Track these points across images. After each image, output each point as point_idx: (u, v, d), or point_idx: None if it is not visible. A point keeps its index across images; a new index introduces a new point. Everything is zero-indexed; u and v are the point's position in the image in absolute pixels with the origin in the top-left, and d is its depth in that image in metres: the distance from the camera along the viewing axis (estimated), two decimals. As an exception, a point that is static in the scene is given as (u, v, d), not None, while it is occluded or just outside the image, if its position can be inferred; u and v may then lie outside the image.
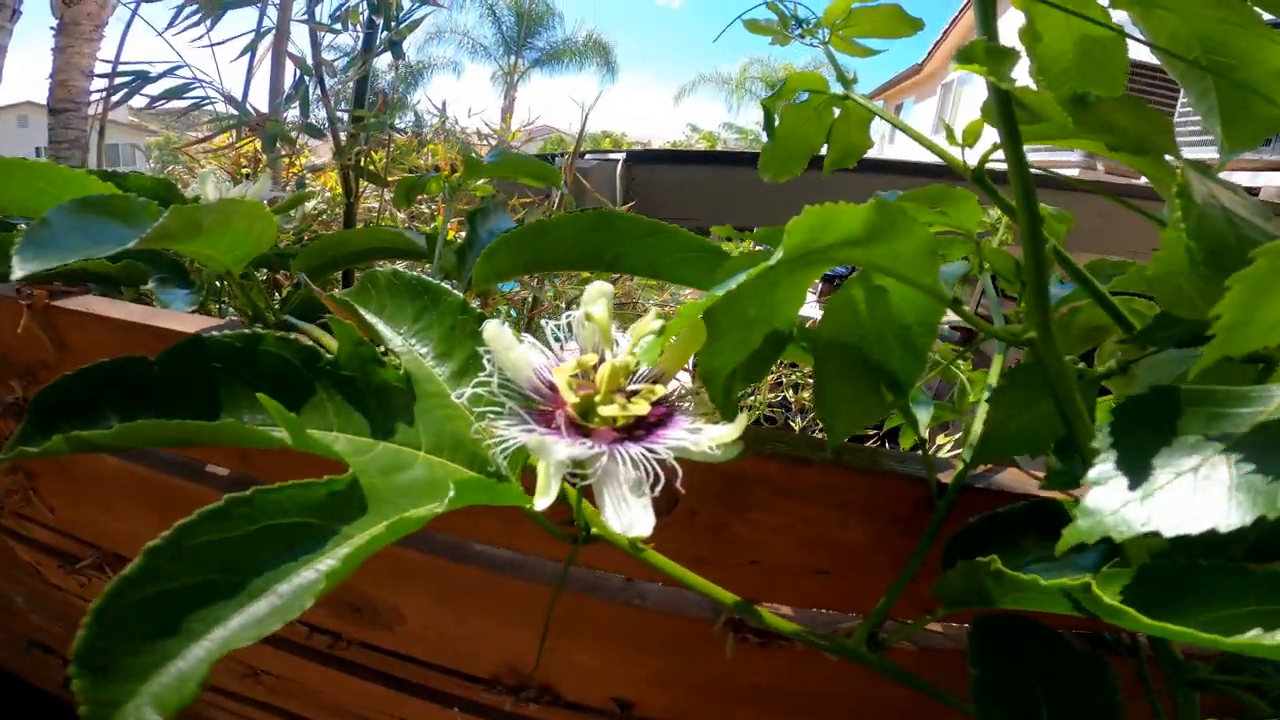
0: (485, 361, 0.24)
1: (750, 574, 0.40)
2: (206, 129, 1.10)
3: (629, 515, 0.22)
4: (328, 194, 0.93)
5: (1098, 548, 0.30)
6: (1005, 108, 0.27)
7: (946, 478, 0.34)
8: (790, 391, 0.85)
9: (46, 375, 0.49)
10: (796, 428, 0.85)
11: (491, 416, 0.24)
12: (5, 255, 0.51)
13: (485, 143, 1.09)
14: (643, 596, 0.45)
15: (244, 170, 0.96)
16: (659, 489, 0.22)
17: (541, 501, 0.24)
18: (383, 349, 0.33)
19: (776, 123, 0.43)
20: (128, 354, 0.45)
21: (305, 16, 0.74)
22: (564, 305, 0.85)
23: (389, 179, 0.83)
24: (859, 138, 0.42)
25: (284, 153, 0.84)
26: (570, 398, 0.23)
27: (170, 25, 0.87)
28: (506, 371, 0.24)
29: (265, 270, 0.73)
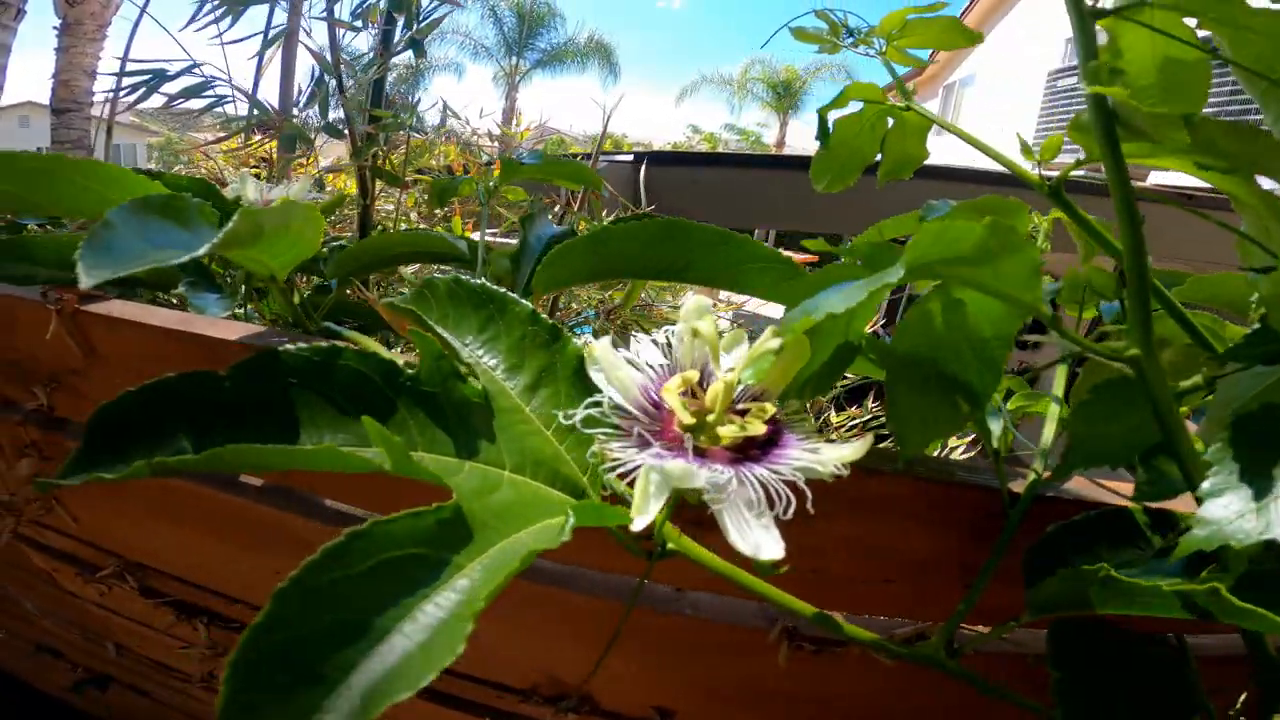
0: (599, 382, 0.23)
1: (809, 583, 0.39)
2: (210, 129, 1.06)
3: (753, 537, 0.21)
4: (336, 194, 0.90)
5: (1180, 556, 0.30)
6: (1109, 125, 0.26)
7: (1018, 487, 0.33)
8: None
9: (74, 382, 0.47)
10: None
11: (602, 438, 0.22)
12: (19, 257, 0.48)
13: (495, 144, 1.07)
14: (695, 606, 0.43)
15: (255, 171, 0.93)
16: (790, 512, 0.21)
17: (640, 520, 0.23)
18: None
19: (830, 131, 0.42)
20: (162, 362, 0.43)
21: (324, 14, 0.71)
22: (576, 310, 0.84)
23: (405, 180, 0.81)
24: (915, 148, 0.41)
25: (301, 153, 0.80)
26: (686, 418, 0.22)
27: (191, 21, 0.83)
28: (614, 390, 0.23)
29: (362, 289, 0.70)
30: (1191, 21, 0.30)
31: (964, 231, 0.24)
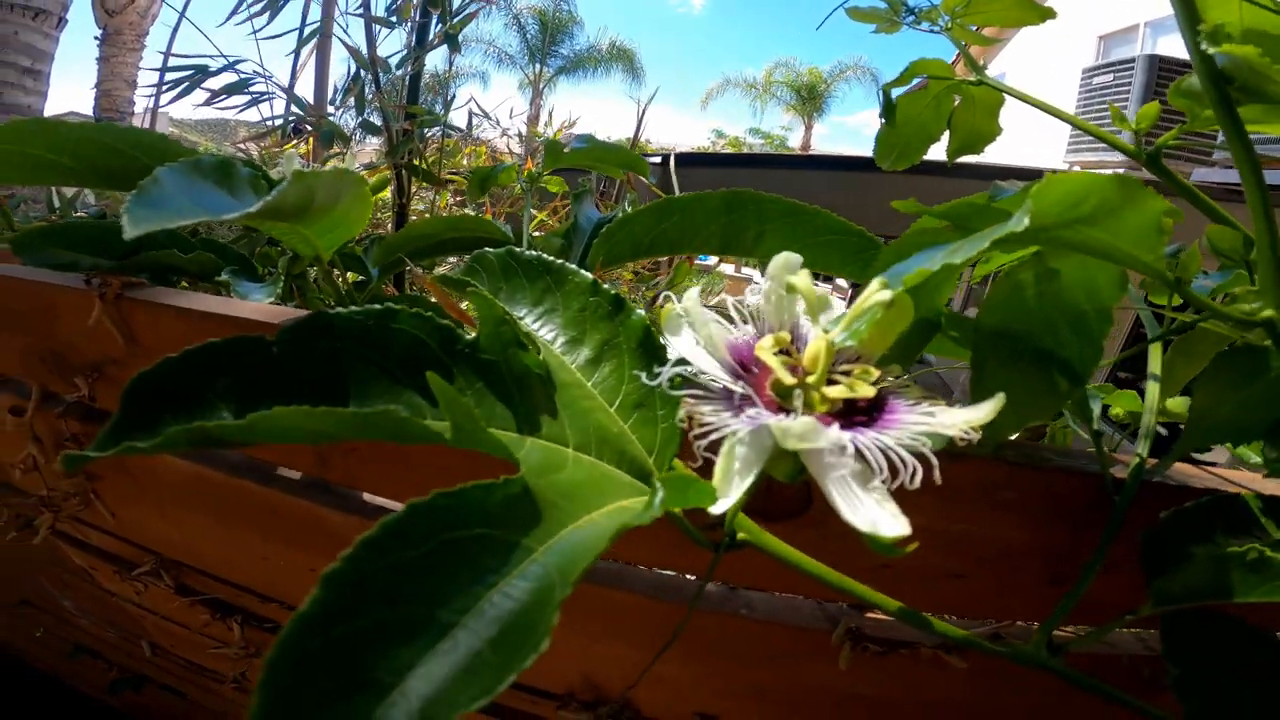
0: (677, 347, 0.20)
1: (876, 578, 0.35)
2: (247, 139, 1.06)
3: (868, 513, 0.18)
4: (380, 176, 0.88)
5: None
6: (1221, 84, 0.23)
7: (1120, 473, 0.29)
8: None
9: (115, 372, 0.45)
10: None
11: (690, 401, 0.19)
12: (61, 244, 0.46)
13: (523, 145, 1.05)
14: (750, 606, 0.40)
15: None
16: (918, 480, 0.18)
17: (724, 501, 0.20)
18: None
19: (894, 108, 0.39)
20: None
21: (360, 10, 0.70)
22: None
23: (440, 179, 0.79)
24: (985, 124, 0.38)
25: (338, 151, 0.79)
26: (786, 378, 0.19)
27: (230, 17, 0.83)
28: (700, 350, 0.20)
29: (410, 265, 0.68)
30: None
31: (1089, 182, 0.21)
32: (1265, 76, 0.21)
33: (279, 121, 0.82)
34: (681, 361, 0.19)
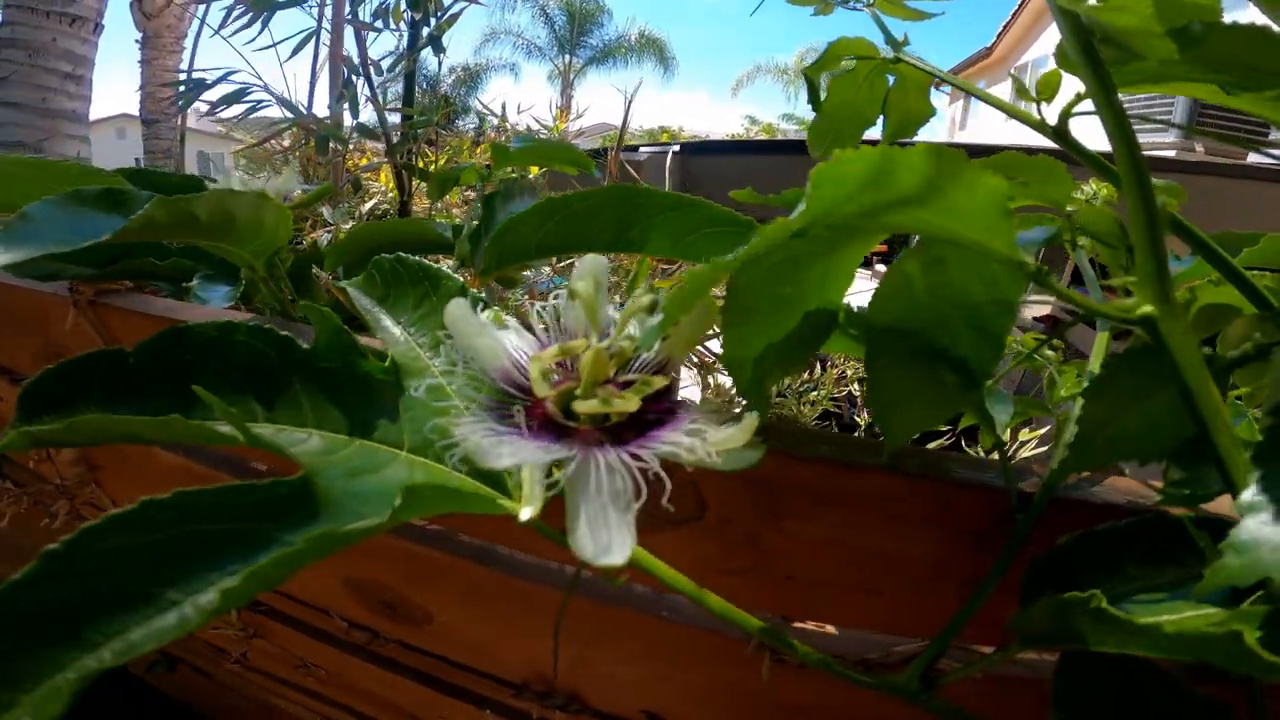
0: (448, 349, 0.20)
1: (787, 589, 0.34)
2: (250, 143, 1.13)
3: (605, 536, 0.17)
4: (389, 195, 0.93)
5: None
6: (1085, 40, 0.21)
7: (1031, 487, 0.27)
8: (856, 385, 0.78)
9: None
10: (862, 423, 0.77)
11: (456, 413, 0.20)
12: (56, 255, 0.51)
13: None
14: (674, 610, 0.40)
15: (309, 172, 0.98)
16: (640, 504, 0.17)
17: (525, 512, 0.20)
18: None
19: (823, 95, 0.37)
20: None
21: (349, 16, 0.73)
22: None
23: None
24: (918, 104, 0.35)
25: (338, 153, 0.84)
26: (542, 390, 0.19)
27: (221, 26, 0.89)
28: (477, 360, 0.20)
29: (318, 271, 0.72)
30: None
31: (882, 156, 0.19)
32: (1119, 29, 0.19)
33: (285, 126, 0.88)
34: (447, 373, 0.20)
